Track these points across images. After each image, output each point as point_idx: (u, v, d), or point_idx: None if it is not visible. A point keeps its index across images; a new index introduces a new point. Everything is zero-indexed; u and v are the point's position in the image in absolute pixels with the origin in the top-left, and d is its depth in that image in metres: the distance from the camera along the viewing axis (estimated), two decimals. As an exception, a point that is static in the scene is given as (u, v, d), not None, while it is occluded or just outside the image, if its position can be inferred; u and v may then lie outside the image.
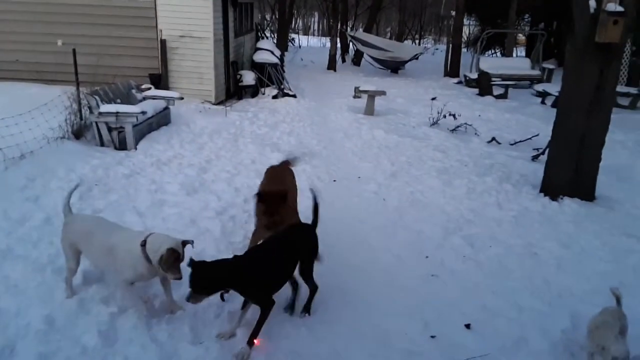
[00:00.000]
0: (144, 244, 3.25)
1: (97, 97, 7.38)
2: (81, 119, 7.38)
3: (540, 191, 6.50)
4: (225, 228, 4.96)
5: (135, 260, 3.28)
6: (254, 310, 3.28)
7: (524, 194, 6.47)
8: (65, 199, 3.74)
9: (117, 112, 7.08)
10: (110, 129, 7.16)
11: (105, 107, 7.16)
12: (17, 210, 4.86)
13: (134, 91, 8.71)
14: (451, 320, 3.67)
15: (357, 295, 3.94)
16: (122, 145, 7.19)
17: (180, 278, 3.22)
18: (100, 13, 10.53)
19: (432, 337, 3.47)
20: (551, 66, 17.64)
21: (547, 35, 19.80)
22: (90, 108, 7.35)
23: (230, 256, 3.29)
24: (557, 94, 8.55)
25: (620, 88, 12.44)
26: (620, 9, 5.56)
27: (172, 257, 3.17)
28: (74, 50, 7.56)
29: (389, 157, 7.92)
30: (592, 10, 5.73)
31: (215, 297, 3.68)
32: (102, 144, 7.19)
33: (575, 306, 3.88)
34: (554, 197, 6.25)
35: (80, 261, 3.65)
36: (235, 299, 3.72)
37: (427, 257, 4.66)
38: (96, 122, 7.15)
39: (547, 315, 3.78)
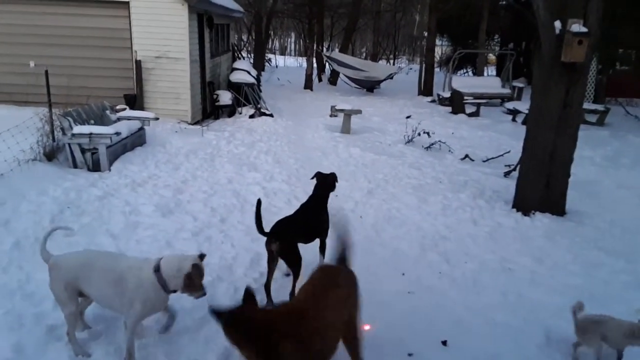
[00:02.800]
0: (157, 269, 3.05)
1: (70, 118, 7.29)
2: (54, 140, 7.26)
3: (513, 207, 6.62)
4: (201, 249, 4.88)
5: (147, 290, 3.05)
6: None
7: (497, 209, 6.59)
8: (42, 243, 3.30)
9: (91, 133, 7.00)
10: (83, 151, 7.06)
11: (78, 129, 7.08)
12: (-15, 235, 4.73)
13: (108, 112, 8.63)
14: (428, 338, 3.68)
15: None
16: (95, 167, 7.09)
17: (205, 294, 3.12)
18: (74, 34, 10.46)
19: (410, 354, 3.47)
20: (521, 85, 18.13)
21: (516, 55, 20.36)
22: (63, 129, 7.26)
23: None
24: (527, 111, 8.77)
25: (587, 105, 12.87)
26: (584, 29, 5.78)
27: (199, 274, 3.05)
28: (46, 71, 7.47)
29: (365, 175, 7.98)
30: (557, 31, 5.93)
31: (192, 321, 3.64)
32: (75, 166, 7.08)
33: (549, 321, 3.94)
34: (526, 213, 6.38)
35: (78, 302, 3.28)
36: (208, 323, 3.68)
37: (403, 274, 4.69)
38: (69, 144, 7.04)
39: (521, 331, 3.83)
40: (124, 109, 9.32)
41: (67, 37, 10.46)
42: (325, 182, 4.59)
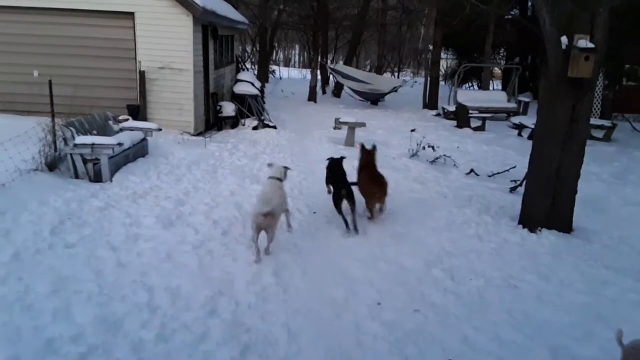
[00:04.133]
0: (279, 179, 5.42)
1: (72, 128, 7.26)
2: (55, 150, 7.23)
3: (519, 223, 6.53)
4: (202, 262, 4.85)
5: (283, 188, 5.48)
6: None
7: (503, 225, 6.50)
8: None
9: (93, 144, 6.97)
10: (85, 161, 7.02)
11: (80, 139, 7.05)
12: (-16, 245, 4.67)
13: (110, 122, 8.62)
14: (433, 356, 3.60)
15: (338, 331, 3.86)
16: (97, 178, 7.05)
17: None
18: (78, 44, 10.49)
19: (414, 374, 3.39)
20: (527, 99, 18.10)
21: (522, 69, 20.39)
22: (65, 139, 7.23)
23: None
24: (532, 126, 8.72)
25: (594, 121, 12.84)
26: (591, 45, 5.74)
27: (287, 170, 5.67)
28: (49, 81, 7.47)
29: (369, 189, 7.89)
30: (564, 47, 5.89)
31: (190, 336, 3.57)
32: (76, 176, 7.04)
33: (555, 339, 3.86)
34: (532, 229, 6.29)
35: None
36: (206, 339, 3.61)
37: (407, 291, 4.60)
38: (71, 154, 7.01)
39: (527, 349, 3.74)
40: (127, 120, 9.32)
41: (71, 47, 10.49)
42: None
